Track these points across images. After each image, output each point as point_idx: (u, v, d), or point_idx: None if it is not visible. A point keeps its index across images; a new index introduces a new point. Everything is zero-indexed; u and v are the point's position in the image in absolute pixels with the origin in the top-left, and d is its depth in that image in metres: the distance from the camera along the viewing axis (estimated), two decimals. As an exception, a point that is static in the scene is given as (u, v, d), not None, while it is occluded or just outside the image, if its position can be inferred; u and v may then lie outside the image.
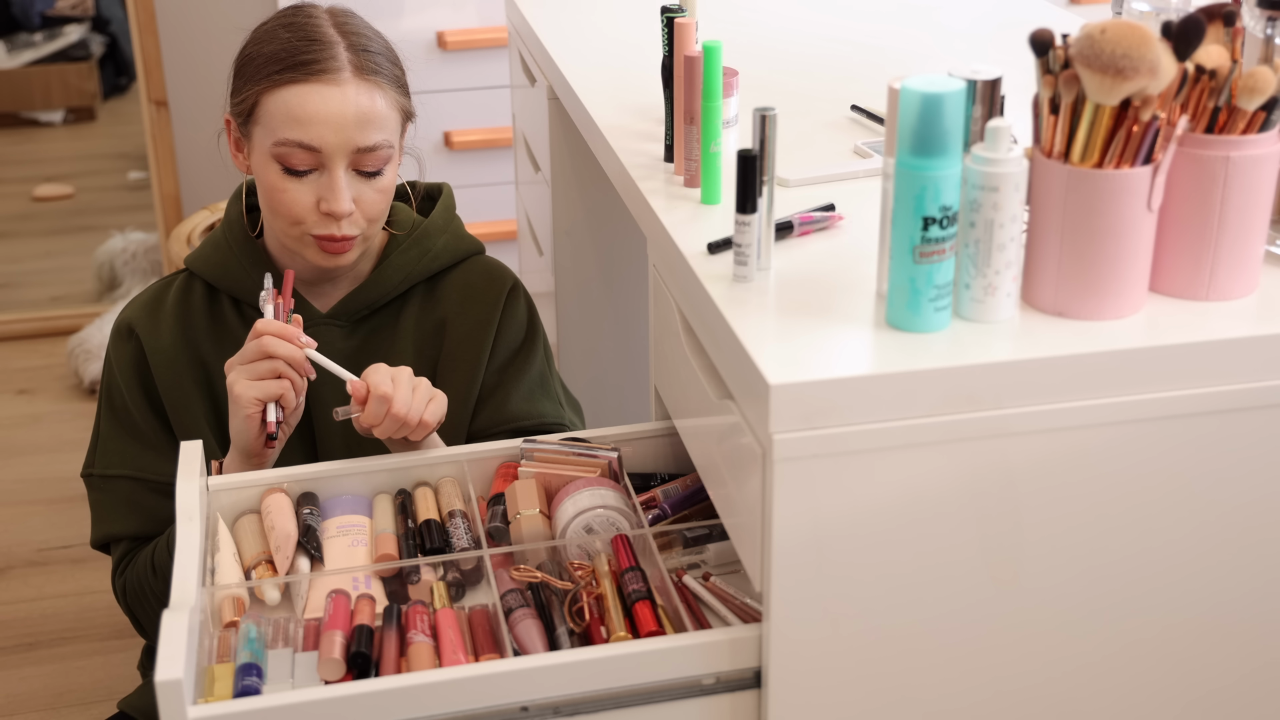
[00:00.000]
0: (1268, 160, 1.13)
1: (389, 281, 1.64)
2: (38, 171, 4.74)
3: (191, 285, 1.65)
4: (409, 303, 1.66)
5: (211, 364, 1.62)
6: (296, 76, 1.50)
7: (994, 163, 1.09)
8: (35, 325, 3.54)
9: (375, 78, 1.52)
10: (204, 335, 1.63)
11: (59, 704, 2.28)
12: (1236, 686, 1.25)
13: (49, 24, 5.26)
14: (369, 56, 1.53)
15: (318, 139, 1.49)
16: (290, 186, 1.52)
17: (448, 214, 1.71)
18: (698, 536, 1.38)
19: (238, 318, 1.64)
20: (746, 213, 1.20)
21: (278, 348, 1.45)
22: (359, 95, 1.50)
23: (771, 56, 1.87)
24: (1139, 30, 1.06)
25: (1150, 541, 1.17)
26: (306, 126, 1.49)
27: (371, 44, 1.55)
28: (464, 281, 1.67)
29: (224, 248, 1.64)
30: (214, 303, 1.65)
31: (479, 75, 3.07)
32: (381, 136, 1.52)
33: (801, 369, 1.08)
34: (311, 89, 1.49)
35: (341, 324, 1.63)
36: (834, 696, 1.18)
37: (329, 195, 1.51)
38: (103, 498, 1.62)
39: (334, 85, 1.49)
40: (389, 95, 1.53)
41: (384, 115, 1.52)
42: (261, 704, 1.12)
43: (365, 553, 1.38)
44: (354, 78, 1.50)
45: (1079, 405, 1.11)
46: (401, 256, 1.64)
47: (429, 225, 1.67)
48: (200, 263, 1.65)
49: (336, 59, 1.50)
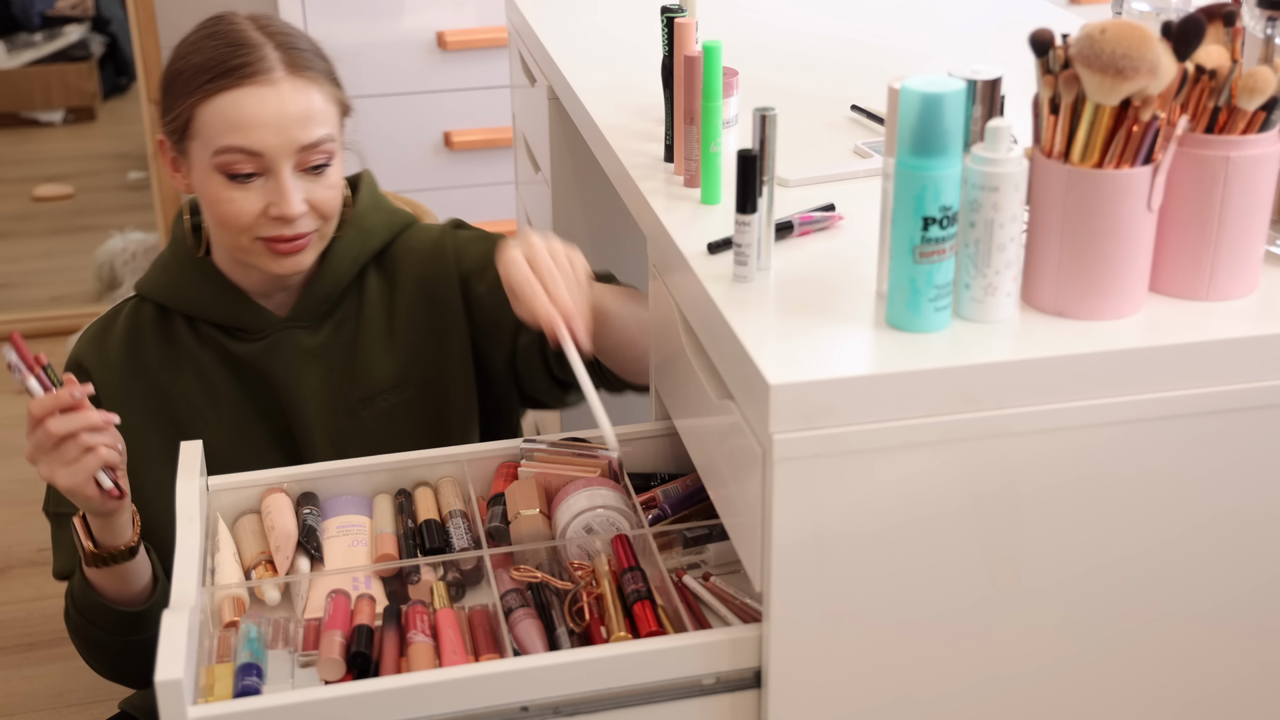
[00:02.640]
0: (1268, 160, 1.13)
1: (339, 269, 1.61)
2: (38, 171, 4.74)
3: (141, 310, 1.63)
4: (367, 286, 1.64)
5: (168, 388, 1.60)
6: (229, 83, 1.47)
7: (994, 163, 1.09)
8: (35, 325, 3.54)
9: (308, 73, 1.50)
10: (157, 360, 1.61)
11: (59, 704, 2.28)
12: (1236, 686, 1.25)
13: (49, 24, 5.26)
14: (299, 54, 1.51)
15: (259, 142, 1.47)
16: (236, 196, 1.49)
17: (373, 193, 1.69)
18: (698, 536, 1.38)
19: (193, 337, 1.61)
20: (746, 213, 1.20)
21: (65, 425, 1.35)
22: (295, 93, 1.49)
23: (771, 56, 1.87)
24: (1139, 30, 1.06)
25: (1150, 541, 1.17)
26: (246, 131, 1.47)
27: (298, 41, 1.54)
28: (409, 248, 1.66)
29: (172, 267, 1.62)
30: (166, 324, 1.62)
31: (479, 75, 3.08)
32: (323, 131, 1.50)
33: (801, 369, 1.08)
34: (246, 93, 1.47)
35: (304, 324, 1.61)
36: (834, 696, 1.18)
37: (278, 199, 1.48)
38: (58, 533, 1.61)
39: (268, 86, 1.47)
40: (325, 89, 1.52)
41: (322, 110, 1.51)
42: (261, 704, 1.12)
43: (365, 553, 1.38)
44: (288, 76, 1.49)
45: (1079, 405, 1.11)
46: (342, 243, 1.61)
47: (360, 207, 1.65)
48: (149, 286, 1.63)
49: (266, 59, 1.48)
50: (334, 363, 1.62)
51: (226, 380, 1.61)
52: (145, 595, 1.53)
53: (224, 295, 1.59)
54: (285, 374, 1.60)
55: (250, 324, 1.60)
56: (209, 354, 1.60)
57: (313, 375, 1.61)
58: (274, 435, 1.62)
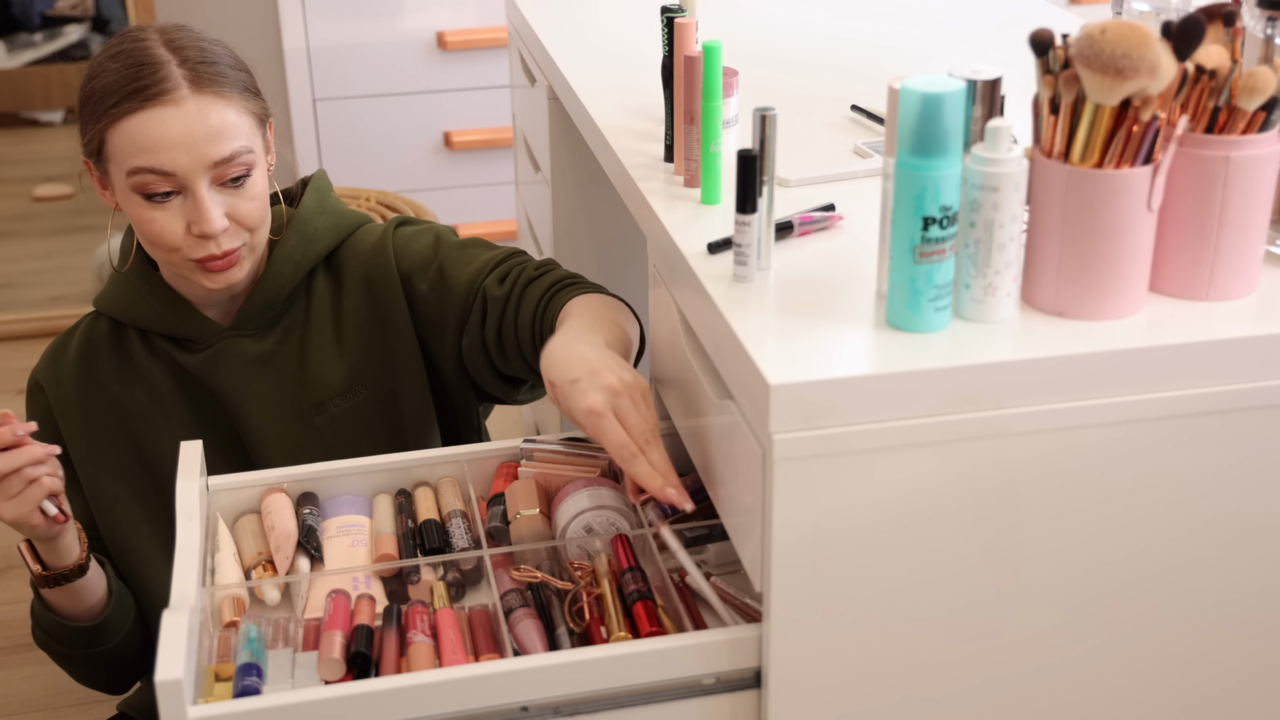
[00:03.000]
0: (1268, 160, 1.13)
1: (280, 275, 1.59)
2: (38, 171, 4.74)
3: (96, 326, 1.63)
4: (314, 290, 1.62)
5: (122, 401, 1.60)
6: (133, 106, 1.45)
7: (994, 163, 1.09)
8: (35, 325, 3.54)
9: (215, 87, 1.47)
10: (110, 375, 1.61)
11: (59, 704, 2.28)
12: (1236, 686, 1.25)
13: (49, 24, 5.26)
14: (204, 68, 1.48)
15: (170, 163, 1.45)
16: (157, 215, 1.48)
17: (319, 196, 1.66)
18: (698, 536, 1.38)
19: (145, 349, 1.61)
20: (746, 213, 1.20)
21: (8, 462, 1.39)
22: (201, 110, 1.46)
23: (771, 56, 1.87)
24: (1139, 30, 1.06)
25: (1150, 541, 1.17)
26: (154, 153, 1.45)
27: (206, 54, 1.50)
28: (354, 250, 1.63)
29: (123, 282, 1.61)
30: (120, 339, 1.62)
31: (479, 75, 3.08)
32: (236, 145, 1.48)
33: (801, 369, 1.08)
34: (150, 114, 1.45)
35: (248, 332, 1.59)
36: (834, 696, 1.18)
37: (196, 217, 1.47)
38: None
39: (172, 106, 1.45)
40: (234, 102, 1.49)
41: (232, 123, 1.48)
42: (261, 704, 1.12)
43: (365, 553, 1.38)
44: (192, 94, 1.46)
45: (1079, 405, 1.11)
46: (283, 248, 1.59)
47: (301, 211, 1.62)
48: (104, 301, 1.63)
49: (170, 79, 1.46)
50: (283, 369, 1.60)
51: (176, 392, 1.60)
52: (101, 608, 1.55)
53: (169, 306, 1.58)
54: (230, 383, 1.59)
55: (196, 334, 1.59)
56: (159, 366, 1.60)
57: (260, 383, 1.59)
58: (226, 445, 1.61)
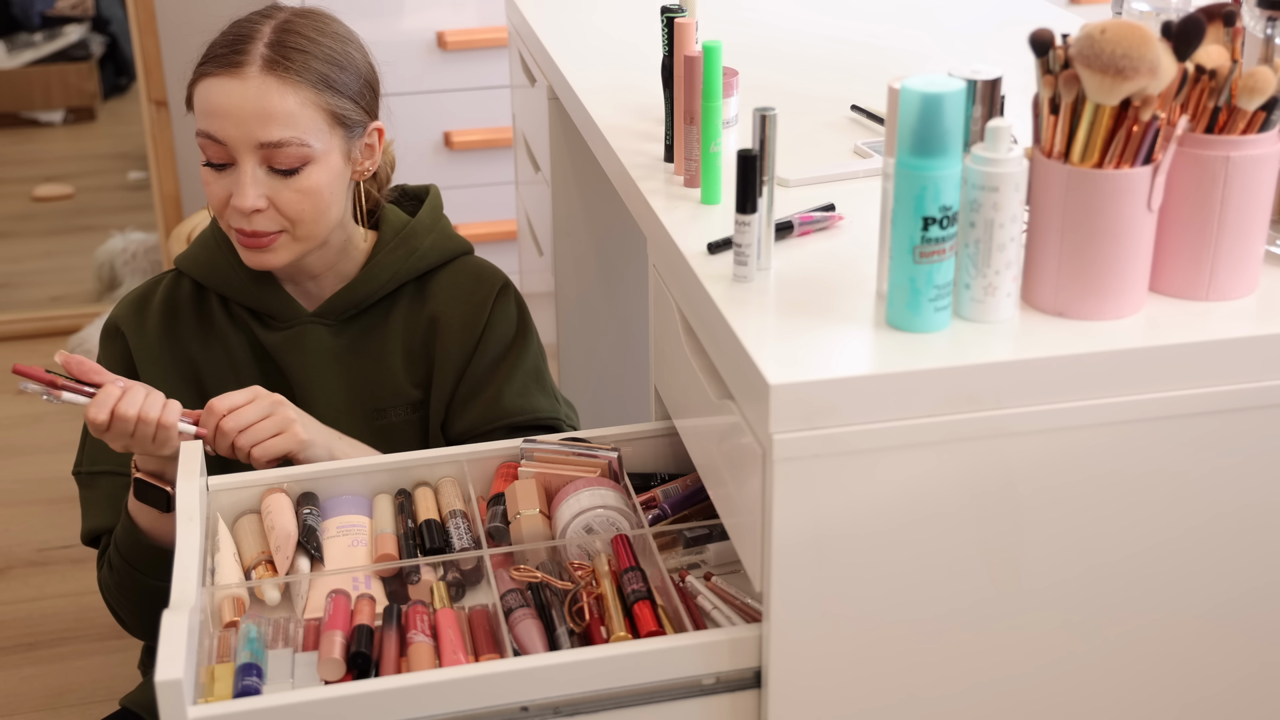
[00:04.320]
0: (1268, 160, 1.13)
1: (376, 280, 1.63)
2: (38, 171, 4.74)
3: (179, 283, 1.66)
4: (398, 303, 1.66)
5: (199, 361, 1.63)
6: (209, 69, 1.51)
7: (994, 163, 1.09)
8: (35, 325, 3.54)
9: (286, 74, 1.50)
10: (191, 333, 1.64)
11: (59, 704, 2.28)
12: (1236, 686, 1.25)
13: (49, 24, 5.26)
14: (288, 53, 1.51)
15: (221, 131, 1.49)
16: (211, 179, 1.53)
17: (434, 214, 1.71)
18: (698, 536, 1.38)
19: (225, 316, 1.64)
20: (746, 213, 1.20)
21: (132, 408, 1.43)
22: (261, 89, 1.49)
23: (771, 56, 1.87)
24: (1139, 30, 1.06)
25: (1150, 541, 1.17)
26: (211, 119, 1.50)
27: (304, 44, 1.53)
28: (452, 281, 1.67)
29: (211, 246, 1.65)
30: (201, 301, 1.65)
31: (479, 75, 3.07)
32: (288, 133, 1.49)
33: (801, 369, 1.08)
34: (218, 82, 1.50)
35: (329, 323, 1.63)
36: (834, 696, 1.18)
37: (234, 190, 1.51)
38: (89, 494, 1.63)
39: (236, 79, 1.49)
40: (302, 94, 1.50)
41: (291, 113, 1.50)
42: (261, 704, 1.12)
43: (365, 553, 1.38)
44: (260, 72, 1.49)
45: (1079, 405, 1.11)
46: (388, 256, 1.64)
47: (415, 225, 1.67)
48: (188, 261, 1.66)
49: (248, 54, 1.50)
50: (355, 367, 1.64)
51: (250, 363, 1.63)
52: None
53: (256, 279, 1.62)
54: (304, 367, 1.62)
55: (278, 312, 1.62)
56: (238, 336, 1.63)
57: (332, 374, 1.63)
58: None
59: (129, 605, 1.61)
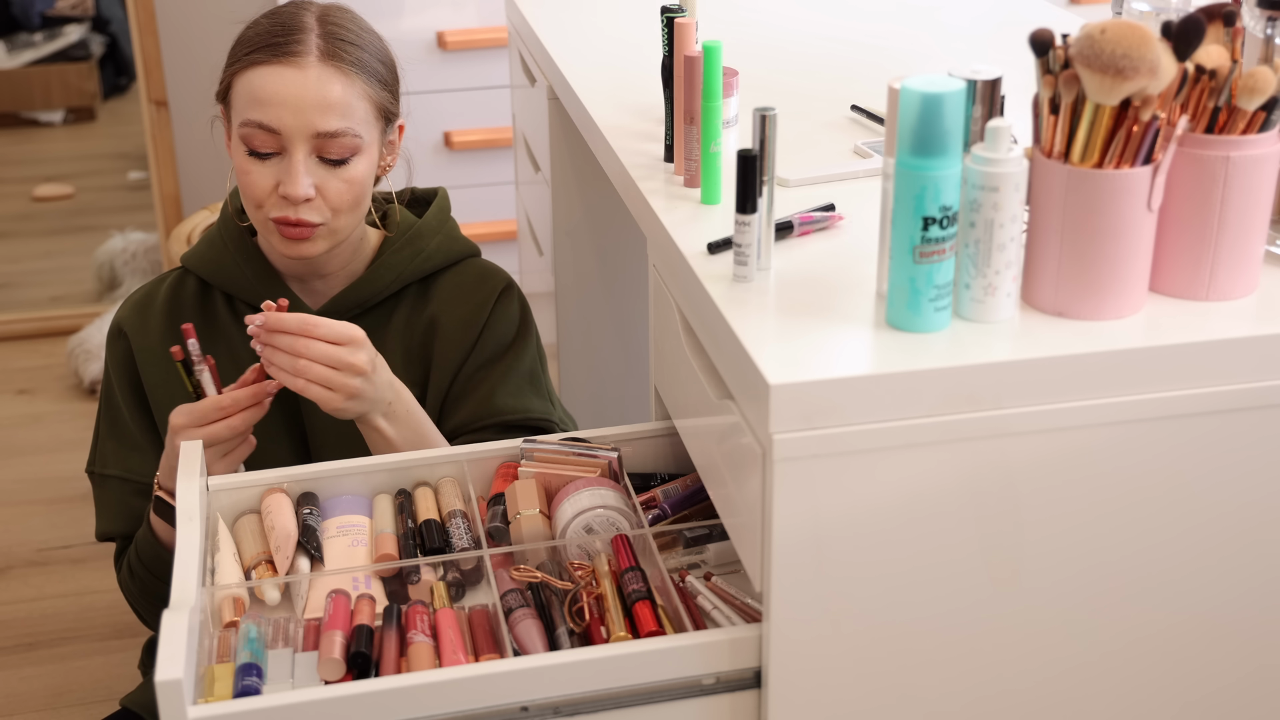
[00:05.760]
0: (1268, 160, 1.13)
1: (381, 280, 1.64)
2: (38, 171, 4.74)
3: (184, 282, 1.66)
4: (401, 303, 1.66)
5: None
6: (262, 58, 1.51)
7: (994, 163, 1.09)
8: (35, 325, 3.54)
9: (343, 65, 1.51)
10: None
11: (59, 704, 2.28)
12: (1236, 686, 1.25)
13: (49, 24, 5.26)
14: (342, 45, 1.52)
15: (276, 120, 1.49)
16: (254, 169, 1.52)
17: (442, 215, 1.71)
18: (698, 536, 1.38)
19: (230, 314, 1.64)
20: (746, 213, 1.20)
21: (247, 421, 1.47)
22: (321, 79, 1.50)
23: (771, 56, 1.87)
24: (1139, 30, 1.06)
25: (1150, 541, 1.17)
26: (266, 107, 1.49)
27: (352, 36, 1.55)
28: (455, 282, 1.67)
29: (218, 244, 1.65)
30: (206, 300, 1.65)
31: (479, 75, 3.07)
32: (344, 124, 1.51)
33: (801, 369, 1.08)
34: (273, 70, 1.50)
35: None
36: (834, 696, 1.18)
37: (286, 178, 1.50)
38: (100, 494, 1.65)
39: (295, 68, 1.49)
40: (357, 85, 1.52)
41: (348, 103, 1.51)
42: (261, 704, 1.12)
43: (365, 553, 1.38)
44: (318, 62, 1.50)
45: (1079, 405, 1.11)
46: (394, 256, 1.64)
47: (422, 226, 1.67)
48: (195, 259, 1.66)
49: (304, 43, 1.51)
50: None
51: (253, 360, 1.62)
52: None
53: (262, 278, 1.62)
54: None
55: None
56: (242, 333, 1.63)
57: None
58: (288, 423, 1.63)
59: (150, 607, 1.62)
